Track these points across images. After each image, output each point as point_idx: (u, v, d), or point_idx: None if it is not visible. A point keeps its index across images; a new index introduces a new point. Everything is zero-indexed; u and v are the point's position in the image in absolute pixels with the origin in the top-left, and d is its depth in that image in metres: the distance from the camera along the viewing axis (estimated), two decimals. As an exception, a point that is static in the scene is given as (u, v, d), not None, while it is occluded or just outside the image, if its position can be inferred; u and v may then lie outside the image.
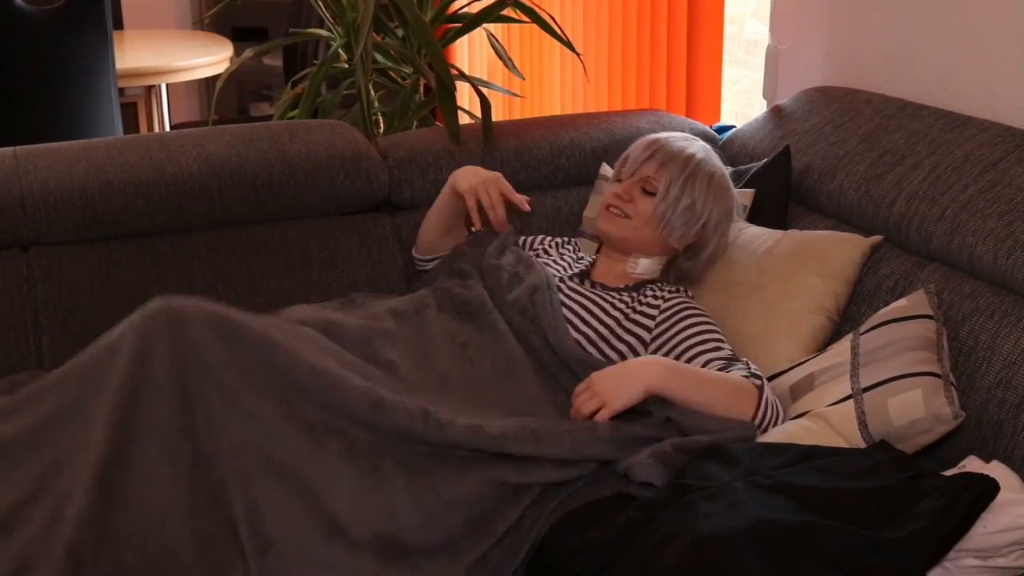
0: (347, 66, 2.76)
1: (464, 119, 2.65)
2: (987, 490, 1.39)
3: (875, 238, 2.00)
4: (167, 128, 4.17)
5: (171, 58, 3.90)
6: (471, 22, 2.73)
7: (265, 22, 5.07)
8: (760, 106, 2.79)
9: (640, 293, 1.95)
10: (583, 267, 2.04)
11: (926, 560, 1.33)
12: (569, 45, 2.64)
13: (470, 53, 4.14)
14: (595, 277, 2.02)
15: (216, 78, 3.51)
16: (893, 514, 1.41)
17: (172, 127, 4.33)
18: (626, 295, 1.94)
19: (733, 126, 2.65)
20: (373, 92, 2.75)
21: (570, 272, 2.02)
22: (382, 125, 2.82)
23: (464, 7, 2.85)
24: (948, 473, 1.50)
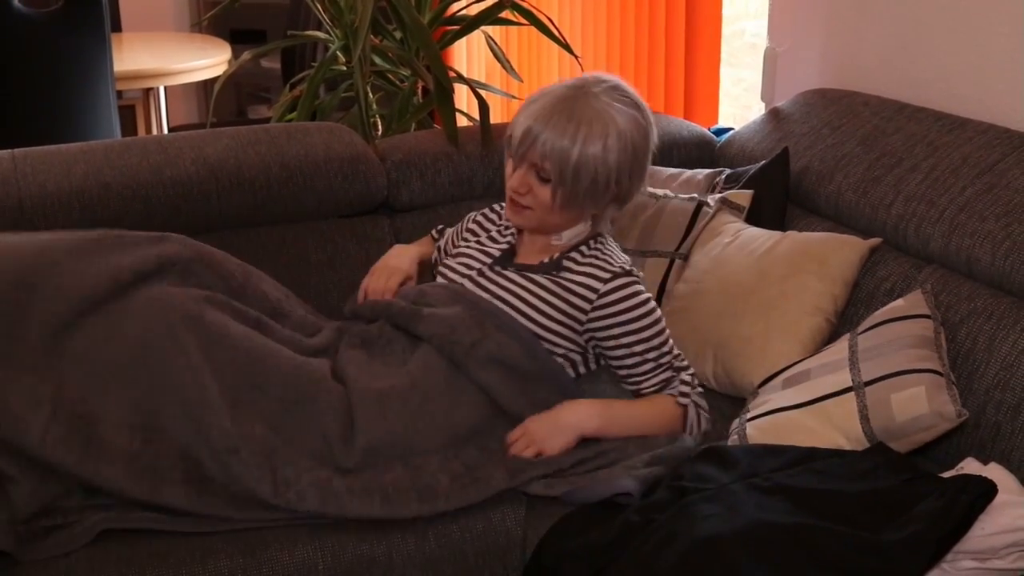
0: (345, 68, 2.76)
1: (462, 121, 2.65)
2: (985, 492, 1.39)
3: (874, 240, 2.00)
4: (165, 130, 4.16)
5: (169, 60, 3.89)
6: (469, 24, 2.72)
7: (263, 24, 5.07)
8: (758, 108, 2.79)
9: (566, 270, 1.85)
10: (507, 245, 1.94)
11: (924, 562, 1.33)
12: (567, 47, 2.64)
13: (468, 55, 4.14)
14: (519, 258, 1.91)
15: (214, 80, 3.50)
16: (891, 516, 1.41)
17: (170, 129, 4.32)
18: (548, 275, 1.85)
19: (731, 128, 2.65)
20: (371, 94, 2.74)
21: (491, 257, 1.93)
22: (380, 127, 2.82)
23: (462, 10, 2.85)
24: (946, 475, 1.50)
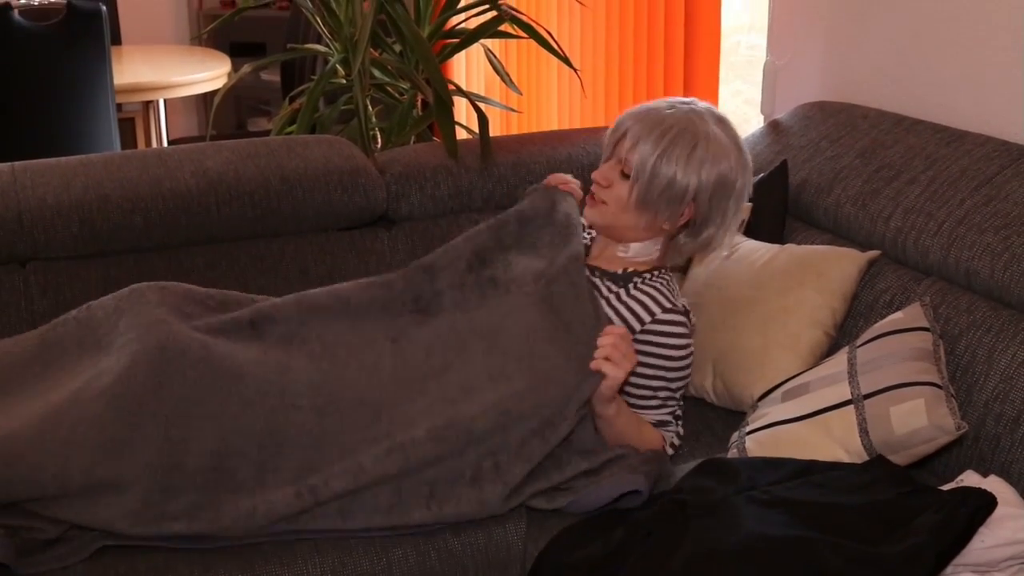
0: (345, 81, 2.77)
1: (462, 134, 2.65)
2: (985, 504, 1.39)
3: (872, 253, 2.00)
4: (165, 143, 4.17)
5: (169, 73, 3.90)
6: (468, 38, 2.73)
7: (263, 38, 5.09)
8: (757, 121, 2.79)
9: (631, 285, 1.83)
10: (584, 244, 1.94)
11: (924, 575, 1.33)
12: (566, 60, 2.65)
13: (467, 68, 4.15)
14: (591, 260, 1.91)
15: (214, 93, 3.51)
16: (891, 529, 1.41)
17: (170, 142, 4.33)
18: (613, 285, 1.84)
19: (730, 141, 2.65)
20: (371, 107, 2.75)
21: None
22: (380, 140, 2.82)
23: (462, 23, 2.86)
24: (946, 488, 1.50)
